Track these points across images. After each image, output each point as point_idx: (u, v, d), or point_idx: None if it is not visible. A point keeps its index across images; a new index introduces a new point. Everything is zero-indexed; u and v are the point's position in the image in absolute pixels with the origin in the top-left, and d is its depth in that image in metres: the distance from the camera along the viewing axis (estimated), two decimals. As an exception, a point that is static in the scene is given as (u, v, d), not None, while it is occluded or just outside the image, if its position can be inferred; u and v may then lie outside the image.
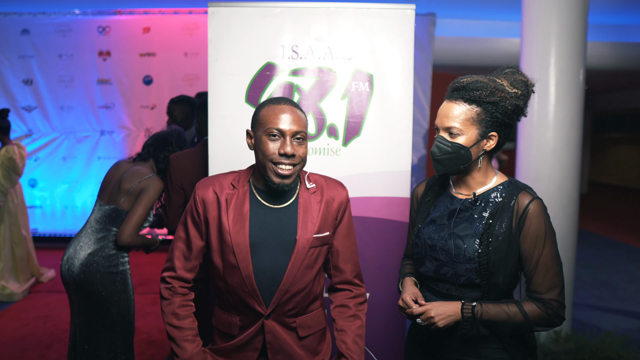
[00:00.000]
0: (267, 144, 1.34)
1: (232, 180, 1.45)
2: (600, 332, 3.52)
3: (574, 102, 3.16)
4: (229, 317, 1.45)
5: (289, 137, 1.34)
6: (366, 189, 2.13)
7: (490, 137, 1.37)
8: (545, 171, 3.17)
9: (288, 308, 1.42)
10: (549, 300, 1.32)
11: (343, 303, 1.52)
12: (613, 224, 8.44)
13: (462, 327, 1.32)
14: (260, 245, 1.39)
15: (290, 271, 1.39)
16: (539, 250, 1.32)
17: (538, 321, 1.32)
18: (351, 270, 1.53)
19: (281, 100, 1.40)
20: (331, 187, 1.49)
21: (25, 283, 4.41)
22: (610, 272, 5.44)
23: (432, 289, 1.46)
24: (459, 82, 1.37)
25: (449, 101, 1.38)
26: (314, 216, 1.43)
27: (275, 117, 1.35)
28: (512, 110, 1.35)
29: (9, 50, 5.90)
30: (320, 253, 1.46)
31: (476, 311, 1.31)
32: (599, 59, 6.24)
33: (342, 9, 2.12)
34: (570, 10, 3.09)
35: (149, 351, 3.23)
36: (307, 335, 1.46)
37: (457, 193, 1.46)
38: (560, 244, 3.16)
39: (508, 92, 1.33)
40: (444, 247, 1.39)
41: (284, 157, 1.34)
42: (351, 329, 1.47)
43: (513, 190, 1.37)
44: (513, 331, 1.33)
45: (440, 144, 1.36)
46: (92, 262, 2.17)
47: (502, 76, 1.37)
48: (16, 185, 4.41)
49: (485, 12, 6.10)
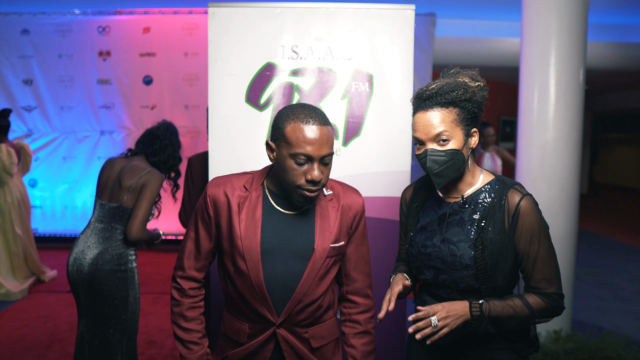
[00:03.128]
0: (292, 168, 1.27)
1: (245, 183, 1.40)
2: (600, 332, 3.52)
3: (574, 102, 3.16)
4: (238, 324, 1.41)
5: (317, 162, 1.27)
6: (366, 189, 2.13)
7: (473, 134, 1.36)
8: (545, 171, 3.17)
9: (300, 318, 1.38)
10: (550, 294, 1.32)
11: (353, 318, 1.49)
12: (613, 224, 8.44)
13: (471, 326, 1.29)
14: (272, 252, 1.35)
15: (305, 281, 1.35)
16: (535, 248, 1.31)
17: (542, 313, 1.32)
18: (363, 280, 1.49)
19: (309, 115, 1.27)
20: (347, 194, 1.45)
21: (24, 282, 4.41)
22: (610, 272, 5.44)
23: (433, 293, 1.45)
24: (428, 90, 1.33)
25: (424, 111, 1.33)
26: (332, 225, 1.39)
27: (303, 140, 1.24)
28: (481, 102, 1.35)
29: (9, 50, 5.90)
30: (335, 263, 1.42)
31: (484, 309, 1.29)
32: (599, 59, 6.24)
33: (342, 9, 2.12)
34: (570, 10, 3.09)
35: (149, 351, 3.23)
36: (319, 346, 1.43)
37: (445, 196, 1.44)
38: (560, 244, 3.18)
39: (473, 86, 1.33)
40: (439, 255, 1.38)
41: (311, 183, 1.27)
42: (361, 345, 1.46)
43: (502, 189, 1.36)
44: (518, 325, 1.32)
45: (434, 156, 1.31)
46: (101, 261, 2.20)
47: (461, 76, 1.36)
48: (12, 184, 4.41)
49: (485, 12, 6.10)
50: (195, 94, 5.93)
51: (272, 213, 1.37)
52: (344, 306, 1.51)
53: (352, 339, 1.47)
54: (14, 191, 4.45)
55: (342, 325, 1.51)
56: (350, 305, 1.50)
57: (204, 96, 5.77)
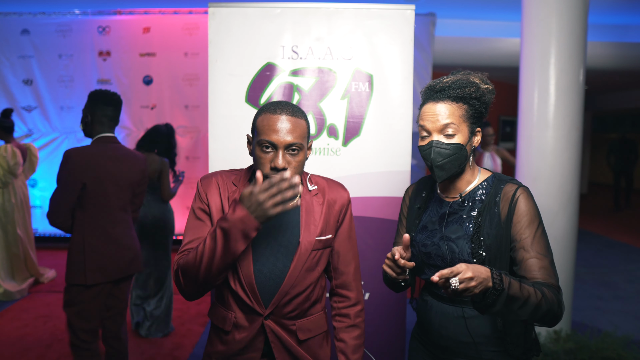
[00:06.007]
0: (260, 156, 1.31)
1: (234, 179, 1.44)
2: (600, 332, 3.52)
3: (574, 102, 3.16)
4: (225, 312, 1.44)
5: (282, 149, 1.29)
6: (366, 189, 2.13)
7: (476, 133, 1.39)
8: (545, 171, 3.17)
9: (288, 310, 1.41)
10: (551, 285, 1.25)
11: (343, 312, 1.52)
12: (613, 224, 8.43)
13: (489, 297, 1.12)
14: (260, 246, 1.39)
15: (292, 273, 1.38)
16: (532, 234, 1.28)
17: (550, 304, 1.20)
18: (352, 272, 1.53)
19: (278, 107, 1.33)
20: (333, 188, 1.49)
21: (22, 282, 4.41)
22: (610, 272, 5.44)
23: (433, 293, 1.46)
24: (441, 82, 1.36)
25: (434, 102, 1.35)
26: (316, 218, 1.42)
27: (268, 128, 1.29)
28: (488, 104, 1.38)
29: (9, 50, 5.91)
30: (322, 256, 1.45)
31: (504, 281, 1.14)
32: (599, 59, 6.24)
33: (342, 9, 2.12)
34: (570, 10, 3.09)
35: (149, 351, 3.23)
36: (306, 338, 1.46)
37: (445, 196, 1.46)
38: (560, 244, 3.18)
39: (483, 87, 1.36)
40: (438, 253, 1.39)
41: (274, 171, 1.29)
42: (351, 339, 1.49)
43: (498, 184, 1.38)
44: (528, 314, 1.20)
45: (439, 148, 1.32)
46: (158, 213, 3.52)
47: (472, 76, 1.39)
48: (16, 185, 4.41)
49: (485, 12, 6.10)
50: (195, 94, 5.93)
51: None
52: (334, 300, 1.55)
53: (341, 333, 1.50)
54: (18, 192, 4.44)
55: (333, 320, 1.54)
56: (339, 300, 1.54)
57: (204, 96, 5.77)
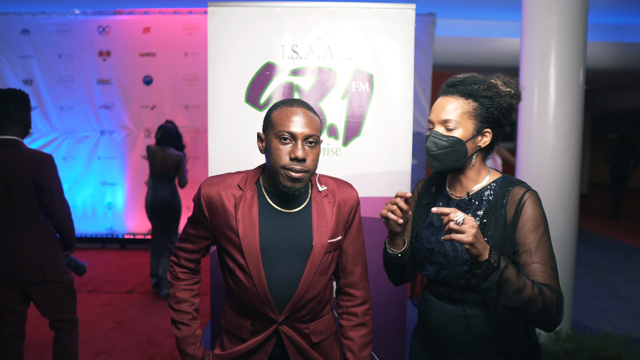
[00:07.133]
0: (278, 148, 1.30)
1: (239, 182, 1.40)
2: (600, 332, 3.52)
3: (574, 102, 3.16)
4: (241, 321, 1.43)
5: (301, 140, 1.29)
6: (366, 189, 2.13)
7: (485, 134, 1.38)
8: (545, 171, 3.17)
9: (302, 314, 1.40)
10: (552, 287, 1.24)
11: (351, 311, 1.51)
12: (613, 224, 8.43)
13: (482, 268, 1.16)
14: (272, 251, 1.35)
15: (306, 278, 1.36)
16: (537, 239, 1.28)
17: (548, 305, 1.20)
18: (360, 272, 1.51)
19: (294, 102, 1.35)
20: (342, 189, 1.47)
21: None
22: (610, 272, 5.43)
23: (434, 291, 1.46)
24: (455, 77, 1.39)
25: (444, 96, 1.39)
26: (328, 221, 1.40)
27: (287, 120, 1.30)
28: (506, 108, 1.37)
29: (9, 50, 5.91)
30: (334, 258, 1.44)
31: (501, 261, 1.17)
32: (599, 59, 6.24)
33: (342, 9, 2.12)
34: (570, 10, 3.09)
35: (149, 351, 3.23)
36: (319, 340, 1.45)
37: (452, 194, 1.46)
38: (560, 244, 3.17)
39: (502, 90, 1.36)
40: (441, 250, 1.39)
41: (294, 161, 1.29)
42: (358, 337, 1.48)
43: (506, 186, 1.38)
44: (521, 304, 1.19)
45: (436, 138, 1.35)
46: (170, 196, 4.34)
47: (494, 77, 1.40)
48: None
49: (485, 12, 6.10)
50: (195, 94, 5.94)
51: (269, 211, 1.38)
52: (342, 299, 1.53)
53: (349, 331, 1.49)
54: None
55: (340, 318, 1.53)
56: (347, 298, 1.52)
57: (204, 96, 5.77)
